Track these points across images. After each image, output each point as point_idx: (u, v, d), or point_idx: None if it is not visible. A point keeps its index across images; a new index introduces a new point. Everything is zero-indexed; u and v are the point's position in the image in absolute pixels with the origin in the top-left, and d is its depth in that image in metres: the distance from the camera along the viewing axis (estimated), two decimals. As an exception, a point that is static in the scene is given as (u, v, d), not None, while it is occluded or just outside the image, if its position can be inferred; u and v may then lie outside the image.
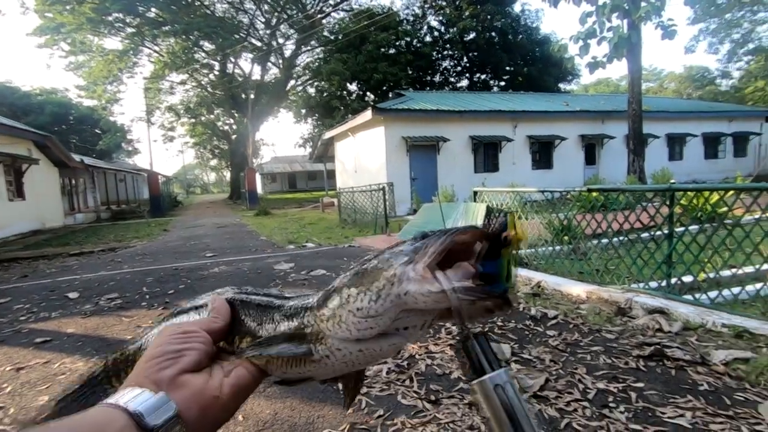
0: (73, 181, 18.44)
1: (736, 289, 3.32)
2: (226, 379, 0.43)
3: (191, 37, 25.40)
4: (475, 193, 6.30)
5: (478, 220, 5.54)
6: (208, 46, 27.75)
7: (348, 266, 5.86)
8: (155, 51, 27.98)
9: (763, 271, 3.37)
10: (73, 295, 5.09)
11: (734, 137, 20.84)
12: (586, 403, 2.21)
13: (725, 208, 3.76)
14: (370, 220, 10.25)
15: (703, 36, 32.74)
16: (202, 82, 30.92)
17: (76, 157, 17.10)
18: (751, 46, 32.28)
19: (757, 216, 3.23)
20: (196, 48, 27.30)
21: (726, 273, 3.52)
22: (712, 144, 20.51)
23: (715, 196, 4.82)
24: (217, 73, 30.22)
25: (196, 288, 5.18)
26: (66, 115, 37.36)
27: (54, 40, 24.75)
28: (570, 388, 2.37)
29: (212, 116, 34.25)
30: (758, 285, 3.33)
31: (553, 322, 3.43)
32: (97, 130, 38.48)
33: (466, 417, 2.14)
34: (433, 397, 2.34)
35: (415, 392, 2.40)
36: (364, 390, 2.42)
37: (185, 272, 6.18)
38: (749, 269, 3.40)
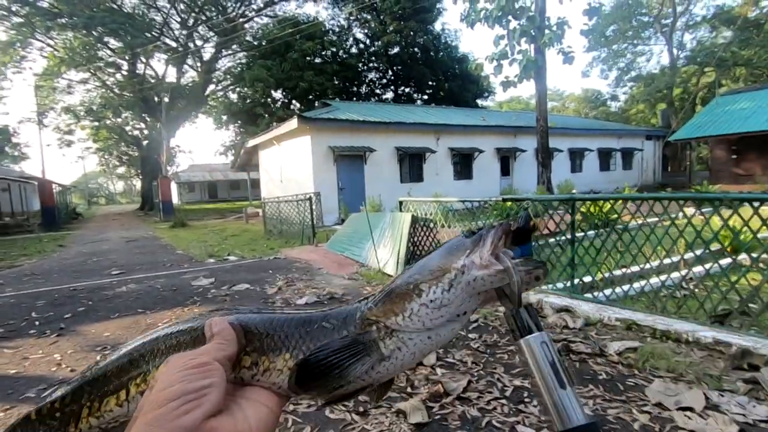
0: (-60, 191, 15.65)
1: (626, 287, 3.77)
2: (251, 421, 0.36)
3: (94, 32, 23.06)
4: (401, 203, 6.46)
5: (404, 230, 5.69)
6: (114, 43, 25.38)
7: (273, 279, 5.62)
8: (49, 45, 24.94)
9: (646, 270, 3.87)
10: None
11: (622, 152, 23.84)
12: (504, 401, 2.35)
13: (616, 215, 4.27)
14: (296, 231, 10.02)
15: (596, 63, 37.24)
16: (108, 82, 28.15)
17: (-56, 163, 14.56)
18: (633, 73, 37.36)
19: (640, 222, 3.71)
20: (99, 45, 24.82)
21: (618, 272, 3.98)
22: (605, 158, 23.23)
23: (608, 205, 5.46)
24: (125, 73, 27.70)
25: (99, 309, 4.66)
26: (-70, 113, 31.69)
27: None
28: (490, 388, 2.51)
29: (119, 120, 31.26)
30: (642, 282, 3.81)
31: (474, 325, 3.62)
32: (-28, 132, 33.13)
33: (395, 426, 2.16)
34: (361, 409, 2.33)
35: (342, 405, 2.37)
36: (290, 407, 2.34)
37: (85, 293, 5.53)
38: (635, 268, 3.89)
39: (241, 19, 27.25)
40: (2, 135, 33.51)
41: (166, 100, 25.86)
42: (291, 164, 15.58)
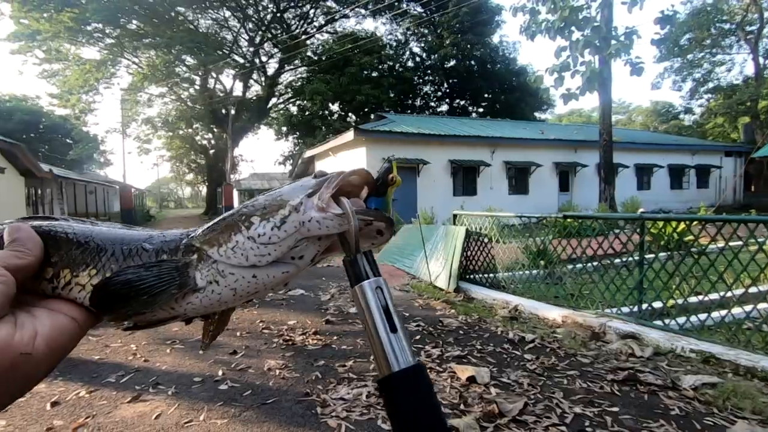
0: (39, 192, 17.71)
1: (702, 316, 3.46)
2: (39, 330, 0.34)
3: (173, 51, 25.26)
4: (455, 216, 6.40)
5: (458, 244, 5.62)
6: (189, 60, 27.61)
7: (327, 286, 5.76)
8: (134, 63, 27.65)
9: (727, 298, 3.53)
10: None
11: (697, 169, 22.00)
12: (564, 428, 2.24)
13: (691, 237, 3.95)
14: (349, 240, 10.21)
15: (668, 74, 34.83)
16: (182, 96, 30.61)
17: (45, 167, 16.48)
18: (710, 85, 34.51)
19: (721, 245, 3.41)
20: (177, 62, 27.12)
21: (693, 299, 3.67)
22: (677, 175, 21.56)
23: (682, 226, 5.06)
24: (197, 87, 30.00)
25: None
26: (36, 124, 36.15)
27: (29, 46, 24.16)
28: (548, 413, 2.40)
29: (191, 130, 33.81)
30: (723, 312, 3.48)
31: (531, 345, 3.48)
32: (68, 140, 37.32)
33: (447, 442, 2.13)
34: (413, 422, 2.31)
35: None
36: (343, 414, 2.38)
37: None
38: (714, 296, 3.56)
39: (303, 36, 28.62)
40: (92, 143, 37.39)
41: (233, 112, 27.63)
42: (345, 175, 15.96)
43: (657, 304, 3.83)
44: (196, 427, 2.33)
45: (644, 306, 3.85)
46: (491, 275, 5.52)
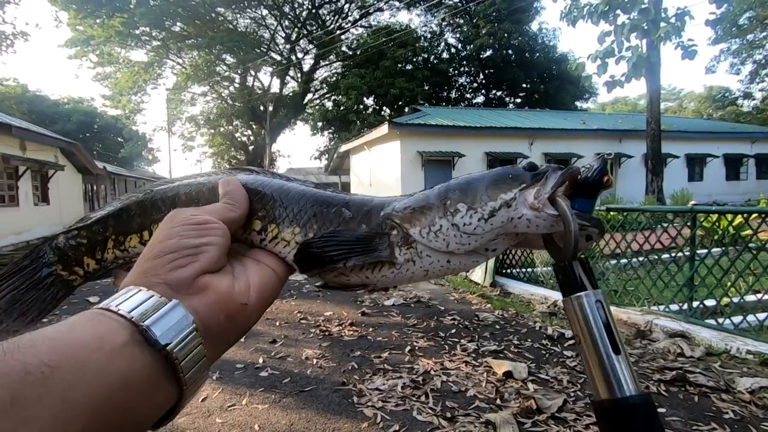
0: (95, 188, 18.94)
1: (761, 315, 3.23)
2: (251, 281, 0.36)
3: (214, 50, 26.18)
4: (491, 209, 6.28)
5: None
6: (229, 59, 28.53)
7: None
8: (179, 63, 28.88)
9: (789, 297, 3.28)
10: (92, 299, 5.20)
11: (757, 159, 20.41)
12: (605, 427, 2.17)
13: (749, 231, 3.69)
14: (383, 234, 10.27)
15: (725, 56, 32.39)
16: (223, 94, 31.70)
17: (99, 165, 17.61)
18: (774, 67, 31.80)
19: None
20: (218, 61, 28.09)
21: (751, 298, 3.43)
22: (733, 165, 20.10)
23: (739, 219, 4.72)
24: (237, 85, 30.98)
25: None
26: (91, 124, 38.62)
27: (84, 51, 25.77)
28: (588, 411, 2.33)
29: (231, 127, 35.00)
30: (785, 311, 3.24)
31: (571, 342, 3.38)
32: (119, 139, 39.64)
33: (483, 436, 2.12)
34: (449, 414, 2.32)
35: (430, 408, 2.38)
36: (379, 404, 2.42)
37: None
38: (775, 295, 3.31)
39: (338, 31, 28.84)
40: (141, 142, 39.48)
41: (270, 108, 28.34)
42: (380, 169, 16.01)
43: (709, 302, 3.61)
44: (239, 411, 2.44)
45: (695, 304, 3.64)
46: (529, 270, 5.39)
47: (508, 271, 5.65)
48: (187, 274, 0.32)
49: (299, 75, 31.57)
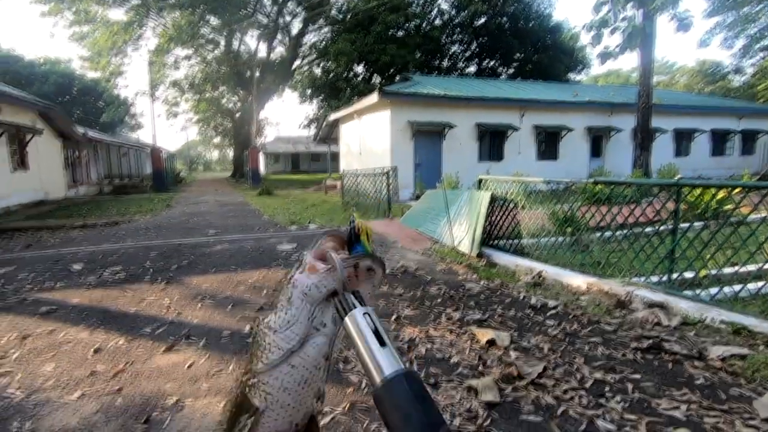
0: (76, 153, 18.38)
1: (737, 287, 3.33)
2: None
3: (197, 10, 24.95)
4: (480, 180, 6.27)
5: (482, 209, 5.54)
6: (214, 20, 27.26)
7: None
8: (161, 24, 27.54)
9: (765, 269, 3.38)
10: (77, 266, 5.14)
11: (743, 134, 20.61)
12: (583, 392, 2.25)
13: (731, 206, 3.75)
14: (372, 204, 10.24)
15: (719, 29, 32.02)
16: (207, 58, 30.48)
17: (80, 130, 17.01)
18: (767, 41, 31.61)
19: (763, 215, 3.22)
20: (201, 22, 26.82)
21: (728, 270, 3.53)
22: (720, 141, 20.28)
23: (722, 193, 4.80)
24: (222, 49, 29.77)
25: (199, 264, 5.22)
26: (69, 86, 37.04)
27: (58, 8, 24.35)
28: (567, 377, 2.41)
29: (216, 93, 33.90)
30: (759, 283, 3.34)
31: (553, 312, 3.46)
32: (100, 103, 38.17)
33: (465, 401, 2.18)
34: (432, 380, 2.37)
35: (414, 375, 2.43)
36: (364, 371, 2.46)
37: (188, 248, 6.21)
38: (752, 267, 3.41)
39: (328, -7, 27.63)
40: (123, 106, 38.12)
41: (257, 74, 27.43)
42: (370, 138, 15.79)
43: (689, 274, 3.71)
44: (225, 377, 2.46)
45: (675, 275, 3.73)
46: (515, 241, 5.45)
47: (495, 242, 5.70)
48: None
49: (287, 39, 30.41)
